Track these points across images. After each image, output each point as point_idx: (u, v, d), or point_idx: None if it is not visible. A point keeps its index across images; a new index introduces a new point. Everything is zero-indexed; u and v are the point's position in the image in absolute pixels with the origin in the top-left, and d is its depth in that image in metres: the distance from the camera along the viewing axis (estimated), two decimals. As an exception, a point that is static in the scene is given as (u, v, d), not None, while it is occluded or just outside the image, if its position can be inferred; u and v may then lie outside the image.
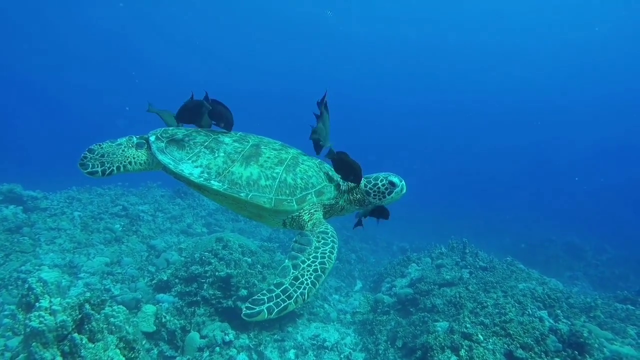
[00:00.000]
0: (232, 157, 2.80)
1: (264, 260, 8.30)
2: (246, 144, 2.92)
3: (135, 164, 3.01)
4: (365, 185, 2.94)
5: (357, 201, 3.01)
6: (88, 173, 2.88)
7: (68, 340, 3.40)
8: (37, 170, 22.24)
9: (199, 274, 7.03)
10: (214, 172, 2.72)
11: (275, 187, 2.70)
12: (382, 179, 2.91)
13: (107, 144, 3.01)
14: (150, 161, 3.05)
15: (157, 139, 2.96)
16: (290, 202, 2.69)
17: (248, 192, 2.66)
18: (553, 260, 18.72)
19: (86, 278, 7.69)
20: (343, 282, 13.41)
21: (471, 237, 16.54)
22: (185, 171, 2.74)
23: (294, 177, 2.77)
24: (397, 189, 2.91)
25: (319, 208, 2.87)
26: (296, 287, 2.32)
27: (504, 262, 10.17)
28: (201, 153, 2.84)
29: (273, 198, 2.66)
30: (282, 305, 2.22)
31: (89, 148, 2.95)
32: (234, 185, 2.67)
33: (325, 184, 2.87)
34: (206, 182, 2.67)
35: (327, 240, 2.64)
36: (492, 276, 8.73)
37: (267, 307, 2.19)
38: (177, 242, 10.82)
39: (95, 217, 10.64)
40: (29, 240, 8.52)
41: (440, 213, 29.61)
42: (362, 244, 18.79)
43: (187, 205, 14.24)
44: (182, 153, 2.85)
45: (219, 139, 2.96)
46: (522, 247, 20.43)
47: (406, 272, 9.62)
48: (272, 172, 2.75)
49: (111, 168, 2.92)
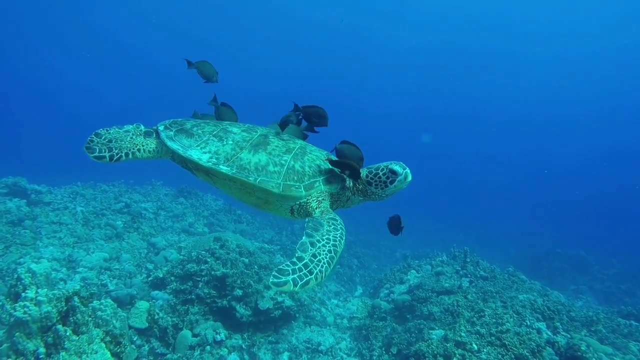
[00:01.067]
0: (240, 145, 2.82)
1: (261, 262, 8.26)
2: (254, 134, 2.95)
3: (144, 152, 3.03)
4: (367, 175, 2.88)
5: (360, 192, 2.97)
6: (95, 157, 2.88)
7: (52, 332, 3.39)
8: (43, 165, 22.48)
9: (194, 272, 7.01)
10: (222, 158, 2.74)
11: (283, 173, 2.70)
12: (383, 167, 2.83)
13: (115, 130, 3.03)
14: (159, 149, 3.08)
15: (166, 128, 3.01)
16: (299, 188, 2.69)
17: (257, 176, 2.66)
18: (558, 273, 18.47)
19: (84, 272, 7.69)
20: (343, 287, 13.32)
21: (476, 248, 16.41)
22: (194, 156, 2.76)
23: (302, 165, 2.77)
24: (400, 177, 2.80)
25: (327, 197, 2.87)
26: (315, 263, 2.35)
27: (506, 272, 10.04)
28: (210, 141, 2.86)
29: (281, 183, 2.67)
30: (305, 279, 2.25)
31: (96, 132, 2.97)
32: (243, 170, 2.68)
33: (333, 174, 2.85)
34: (215, 166, 2.69)
35: (337, 226, 2.65)
36: (492, 286, 8.60)
37: (292, 278, 2.22)
38: (178, 240, 10.82)
39: (98, 213, 10.69)
40: (30, 233, 8.57)
41: (446, 222, 29.36)
42: (364, 249, 18.71)
43: (190, 205, 14.28)
44: (190, 141, 2.88)
45: (228, 129, 2.99)
46: (527, 258, 20.21)
47: (405, 278, 9.53)
48: (281, 159, 2.76)
49: (119, 154, 2.94)
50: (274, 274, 2.22)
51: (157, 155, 3.10)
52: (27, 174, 11.29)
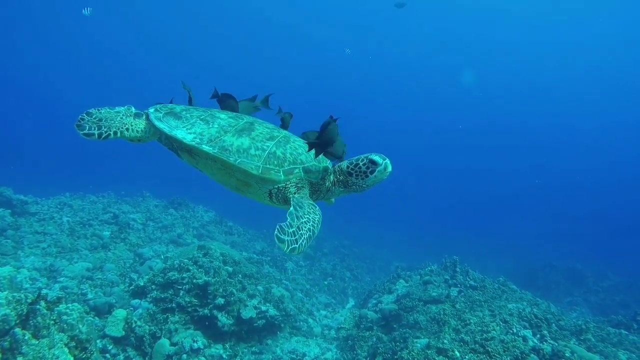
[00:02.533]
0: (225, 129, 2.91)
1: (246, 271, 8.14)
2: (241, 121, 3.05)
3: (132, 131, 3.11)
4: (347, 166, 2.90)
5: (341, 182, 2.99)
6: (84, 134, 2.96)
7: (9, 336, 3.28)
8: (33, 175, 22.41)
9: (175, 280, 6.89)
10: (206, 139, 2.82)
11: (264, 157, 2.78)
12: (363, 158, 2.85)
13: (106, 110, 3.14)
14: (147, 129, 3.15)
15: (156, 110, 3.09)
16: (278, 172, 2.76)
17: (237, 157, 2.74)
18: (553, 286, 18.36)
19: (65, 282, 7.56)
20: (334, 299, 13.17)
21: (472, 260, 16.28)
22: (178, 135, 2.85)
23: (284, 152, 2.85)
24: (380, 167, 2.79)
25: (306, 184, 2.93)
26: (299, 235, 2.48)
27: (496, 282, 9.91)
28: (196, 123, 2.95)
29: (261, 166, 2.74)
30: (293, 246, 2.42)
31: (87, 111, 3.06)
32: (224, 151, 2.75)
33: (314, 163, 2.90)
34: (197, 145, 2.77)
35: (316, 211, 2.74)
36: (481, 295, 8.48)
37: (288, 240, 2.40)
38: (166, 251, 10.70)
39: (84, 224, 10.59)
40: (12, 242, 8.47)
41: (441, 235, 29.25)
42: (358, 262, 18.57)
43: (180, 216, 14.18)
44: (178, 122, 2.98)
45: (215, 114, 3.09)
46: (523, 271, 20.09)
47: (393, 288, 9.40)
48: (263, 144, 2.84)
49: (108, 132, 3.01)
50: (278, 228, 2.42)
51: (144, 135, 3.17)
52: (15, 185, 11.20)
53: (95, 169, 25.90)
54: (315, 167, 2.90)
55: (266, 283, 8.30)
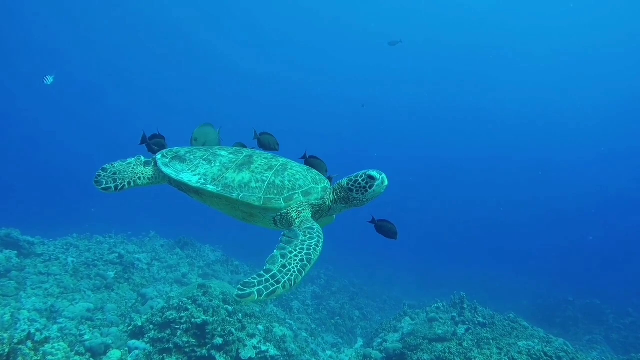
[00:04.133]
0: (226, 166, 3.14)
1: (247, 310, 8.02)
2: (240, 155, 3.28)
3: (143, 179, 3.44)
4: (347, 183, 3.12)
5: (342, 199, 3.19)
6: (102, 189, 3.30)
7: (-9, 375, 3.25)
8: (41, 217, 22.69)
9: (173, 320, 6.80)
10: (210, 178, 3.06)
11: (264, 187, 2.98)
12: (362, 174, 3.08)
13: (119, 163, 3.48)
14: (157, 175, 3.47)
15: (163, 156, 3.38)
16: (278, 201, 2.95)
17: (239, 192, 2.95)
18: (571, 323, 17.65)
19: (64, 323, 7.51)
20: (342, 338, 12.84)
21: (485, 297, 15.84)
22: (184, 179, 3.10)
23: (282, 180, 3.05)
24: (378, 181, 3.03)
25: (307, 207, 3.10)
26: (284, 273, 2.47)
27: (506, 318, 9.58)
28: (200, 164, 3.20)
29: (262, 197, 2.94)
30: (271, 288, 2.36)
31: (103, 167, 3.42)
32: (227, 188, 2.97)
33: (312, 186, 3.11)
34: (202, 186, 3.01)
35: (313, 235, 2.81)
36: (489, 332, 8.21)
37: (257, 289, 2.33)
38: (170, 291, 10.64)
39: (89, 264, 10.61)
40: (15, 284, 8.48)
41: (454, 271, 28.56)
42: (369, 301, 18.20)
43: (186, 256, 14.17)
44: (183, 165, 3.23)
45: (217, 152, 3.34)
46: (539, 308, 19.44)
47: (399, 326, 9.16)
48: (262, 176, 3.05)
49: (122, 184, 3.34)
50: (239, 287, 2.35)
51: (155, 181, 3.49)
52: (23, 226, 11.36)
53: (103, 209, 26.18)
54: (313, 189, 3.10)
55: (267, 322, 8.14)
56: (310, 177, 3.19)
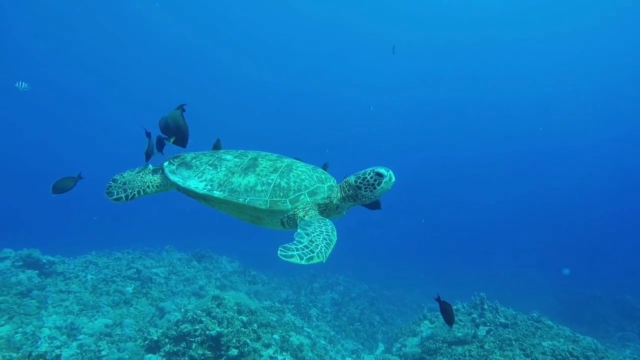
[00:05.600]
0: (232, 170, 3.17)
1: (262, 320, 7.98)
2: (245, 158, 3.30)
3: (152, 187, 3.48)
4: (355, 180, 3.12)
5: (350, 197, 3.19)
6: (114, 200, 3.34)
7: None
8: (60, 237, 23.09)
9: (187, 333, 6.80)
10: (216, 184, 3.09)
11: (270, 191, 2.99)
12: (370, 172, 3.08)
13: (128, 173, 3.55)
14: (165, 183, 3.51)
15: (170, 164, 3.44)
16: (284, 203, 2.97)
17: (246, 197, 2.98)
18: (601, 320, 17.07)
19: (83, 339, 7.61)
20: (362, 344, 12.68)
21: (510, 298, 15.45)
22: (191, 186, 3.14)
23: (288, 181, 3.07)
24: (385, 178, 3.04)
25: (314, 207, 3.11)
26: (314, 246, 2.57)
27: (530, 318, 9.30)
28: (206, 170, 3.23)
29: (268, 200, 2.96)
30: (309, 255, 2.48)
31: (113, 178, 3.48)
32: (234, 193, 2.99)
33: (318, 185, 3.13)
34: (209, 193, 3.05)
35: (327, 222, 2.89)
36: (512, 333, 7.96)
37: (298, 254, 2.46)
38: (187, 304, 10.67)
39: (108, 280, 10.74)
40: (36, 302, 8.63)
41: (476, 272, 28.01)
42: (389, 305, 17.98)
43: (203, 268, 14.23)
44: (189, 172, 3.26)
45: (222, 157, 3.37)
46: (566, 305, 18.86)
47: (418, 330, 8.96)
48: (267, 179, 3.06)
49: (132, 193, 3.38)
50: (281, 249, 2.48)
51: (164, 188, 3.53)
52: (43, 246, 11.58)
53: (119, 226, 26.58)
54: (319, 189, 3.12)
55: (284, 332, 8.08)
56: (315, 177, 3.20)
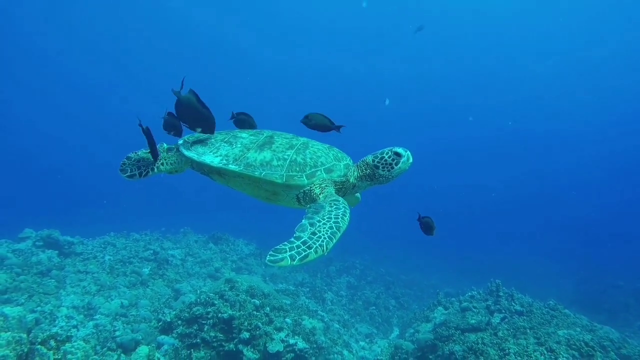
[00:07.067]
0: (248, 146, 3.15)
1: (275, 303, 8.01)
2: (261, 136, 3.29)
3: (167, 164, 3.48)
4: (373, 160, 3.10)
5: (368, 176, 3.15)
6: (127, 177, 3.36)
7: (9, 375, 3.33)
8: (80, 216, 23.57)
9: (200, 315, 6.87)
10: (231, 159, 3.07)
11: (286, 166, 2.98)
12: (388, 151, 3.06)
13: (142, 151, 3.49)
14: (179, 160, 3.51)
15: (185, 141, 3.42)
16: (301, 177, 2.96)
17: (262, 171, 2.96)
18: (621, 308, 16.69)
19: (100, 319, 7.77)
20: (377, 329, 12.69)
21: (528, 285, 15.21)
22: (206, 160, 3.13)
23: (304, 157, 3.05)
24: (404, 158, 3.02)
25: (330, 184, 3.09)
26: (315, 239, 2.47)
27: (546, 306, 9.14)
28: (221, 146, 3.22)
29: (284, 174, 2.94)
30: (303, 254, 2.36)
31: (127, 156, 3.47)
32: (249, 167, 2.98)
33: (335, 163, 3.12)
34: (224, 166, 3.03)
35: (339, 206, 2.79)
36: (527, 321, 7.83)
37: (290, 254, 2.33)
38: (202, 285, 10.81)
39: (125, 261, 10.93)
40: (55, 282, 8.83)
41: (495, 257, 27.72)
42: (405, 289, 17.91)
43: (219, 250, 14.36)
44: (205, 148, 3.25)
45: (237, 135, 3.36)
46: (585, 294, 18.54)
47: (431, 316, 8.91)
48: (284, 154, 3.04)
49: (147, 170, 3.40)
50: (270, 252, 2.34)
51: (178, 166, 3.53)
52: (64, 226, 11.82)
53: (139, 206, 27.01)
54: (336, 166, 3.10)
55: (296, 315, 8.11)
56: (332, 155, 3.18)
